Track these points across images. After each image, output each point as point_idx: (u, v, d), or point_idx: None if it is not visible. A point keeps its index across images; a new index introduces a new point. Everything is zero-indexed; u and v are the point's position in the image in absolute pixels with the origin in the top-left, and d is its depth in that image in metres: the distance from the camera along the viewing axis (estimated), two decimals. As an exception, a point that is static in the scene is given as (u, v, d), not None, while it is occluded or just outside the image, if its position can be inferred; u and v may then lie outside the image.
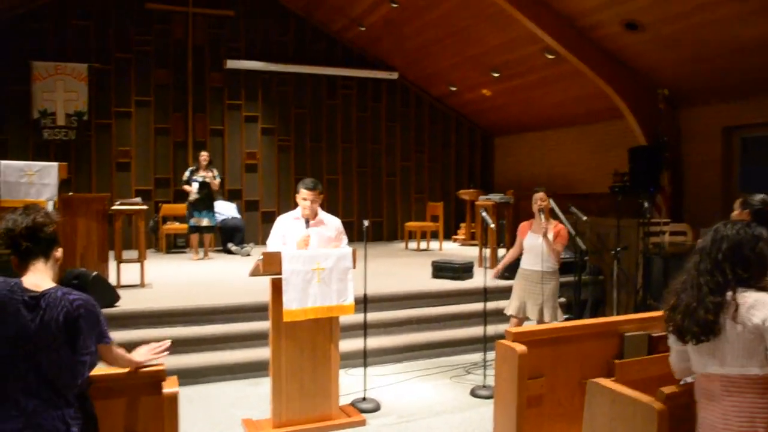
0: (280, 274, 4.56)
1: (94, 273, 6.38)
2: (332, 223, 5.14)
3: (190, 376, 5.70)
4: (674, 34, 8.17)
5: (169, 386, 2.88)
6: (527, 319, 6.01)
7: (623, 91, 9.66)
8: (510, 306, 6.01)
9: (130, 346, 5.59)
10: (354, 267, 4.83)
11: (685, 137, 9.79)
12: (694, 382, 2.63)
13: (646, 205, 7.49)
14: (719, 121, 9.25)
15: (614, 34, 8.87)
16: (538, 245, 5.84)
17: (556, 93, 11.37)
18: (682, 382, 3.05)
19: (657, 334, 4.03)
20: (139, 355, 2.87)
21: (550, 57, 10.04)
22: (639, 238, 7.73)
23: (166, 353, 2.93)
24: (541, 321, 5.83)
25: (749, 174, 9.15)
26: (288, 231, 4.96)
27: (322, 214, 5.12)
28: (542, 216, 5.80)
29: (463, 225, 13.40)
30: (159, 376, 2.87)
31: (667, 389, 2.68)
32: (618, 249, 7.39)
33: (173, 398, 2.86)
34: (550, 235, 5.78)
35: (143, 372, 2.83)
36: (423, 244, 12.16)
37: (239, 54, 12.43)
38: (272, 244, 4.94)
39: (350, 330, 6.28)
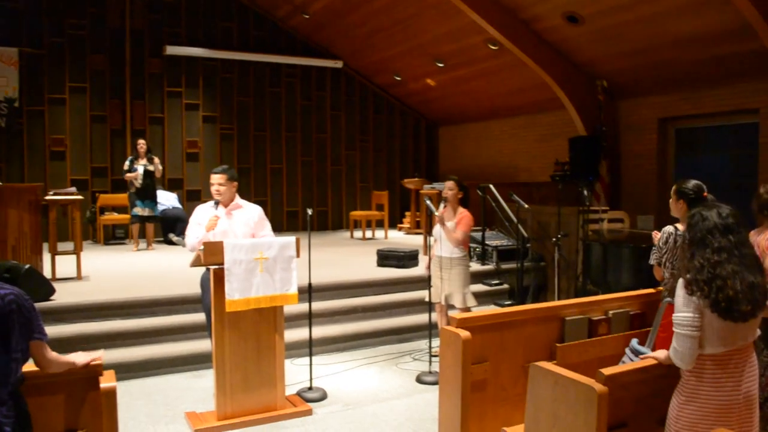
0: (222, 264, 4.48)
1: (27, 266, 6.13)
2: (252, 210, 5.13)
3: (131, 370, 5.57)
4: (612, 27, 8.36)
5: (107, 381, 2.80)
6: (452, 306, 6.06)
7: (564, 83, 9.85)
8: (428, 293, 6.07)
9: (68, 341, 5.49)
10: (298, 256, 4.80)
11: (623, 128, 10.06)
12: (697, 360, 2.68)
13: (585, 193, 7.65)
14: (655, 113, 9.53)
15: (555, 27, 9.02)
16: (440, 232, 5.95)
17: (500, 84, 11.50)
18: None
19: (596, 318, 4.15)
20: (79, 357, 2.75)
21: (494, 48, 10.14)
22: (579, 226, 7.91)
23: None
24: (452, 307, 5.93)
25: (683, 163, 9.48)
26: (203, 218, 4.98)
27: (241, 201, 5.13)
28: (442, 205, 5.89)
29: (408, 214, 13.47)
30: (96, 371, 2.79)
31: (607, 371, 2.75)
32: (559, 236, 7.55)
33: (111, 393, 2.79)
34: (450, 224, 5.88)
35: (79, 367, 2.73)
36: (368, 233, 12.16)
37: (180, 40, 12.13)
38: (190, 233, 4.95)
39: (295, 319, 6.25)
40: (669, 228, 3.93)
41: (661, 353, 2.91)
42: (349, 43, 12.89)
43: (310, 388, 5.22)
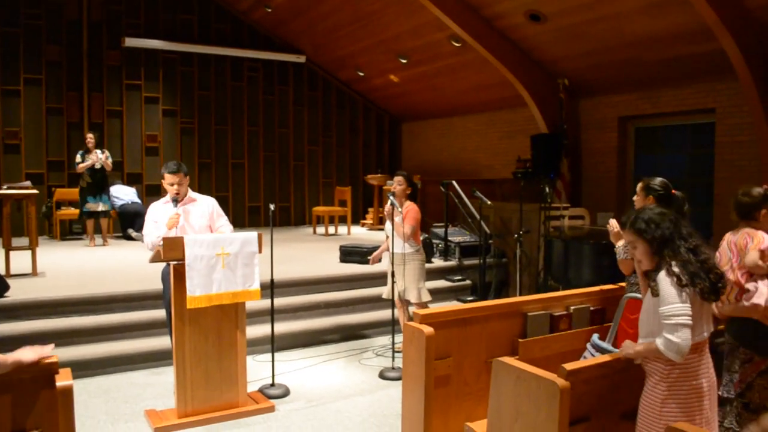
0: (182, 259, 4.41)
1: (-21, 261, 5.95)
2: (206, 202, 5.08)
3: (89, 368, 5.45)
4: (574, 26, 8.46)
5: (63, 379, 2.72)
6: (409, 302, 6.08)
7: (526, 80, 9.94)
8: (385, 290, 6.06)
9: (23, 339, 5.34)
10: (260, 252, 4.74)
11: (584, 126, 10.20)
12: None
13: (547, 190, 7.75)
14: (615, 111, 9.68)
15: (518, 25, 9.09)
16: (392, 228, 5.96)
17: (463, 80, 11.56)
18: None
19: (558, 313, 4.19)
20: (26, 354, 2.65)
21: (457, 45, 10.18)
22: (540, 222, 8.00)
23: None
24: (408, 302, 5.94)
25: (642, 161, 9.65)
26: (160, 216, 4.91)
27: (194, 195, 5.08)
28: (390, 199, 5.90)
29: (371, 209, 13.45)
30: (51, 369, 2.70)
31: (569, 366, 2.77)
32: (521, 232, 7.63)
33: (67, 391, 2.70)
34: (397, 219, 5.88)
35: (27, 365, 2.63)
36: (331, 229, 12.11)
37: (139, 32, 11.88)
38: (147, 232, 4.88)
39: (257, 316, 6.19)
40: None
41: (636, 346, 2.87)
42: (312, 38, 12.80)
43: (273, 385, 5.18)
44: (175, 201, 4.94)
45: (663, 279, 2.72)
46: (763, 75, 7.10)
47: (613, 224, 4.04)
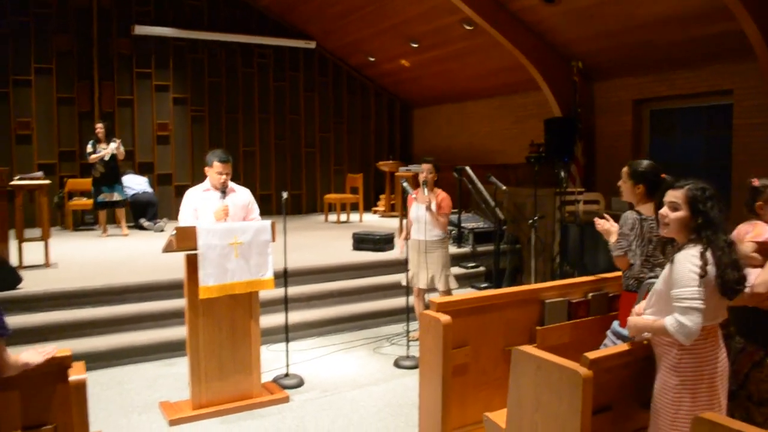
0: (195, 249, 4.36)
1: (-8, 253, 5.95)
2: (244, 193, 5.00)
3: (103, 360, 5.43)
4: (588, 8, 8.31)
5: (76, 373, 2.68)
6: (431, 290, 6.03)
7: (539, 64, 9.80)
8: (405, 277, 6.03)
9: (36, 330, 5.35)
10: (273, 240, 4.69)
11: (598, 109, 10.06)
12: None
13: (561, 174, 7.64)
14: (630, 94, 9.53)
15: (531, 7, 8.95)
16: (422, 216, 5.88)
17: (475, 64, 11.42)
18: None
19: (576, 300, 4.13)
20: (32, 357, 2.60)
21: (469, 28, 10.05)
22: (555, 207, 7.91)
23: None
24: (433, 290, 5.89)
25: (658, 144, 9.51)
26: (200, 204, 4.76)
27: (232, 184, 4.97)
28: (425, 188, 5.83)
29: (383, 196, 13.39)
30: (64, 363, 2.66)
31: (592, 354, 2.70)
32: (535, 218, 7.53)
33: (81, 385, 2.67)
34: (433, 206, 5.82)
35: (34, 367, 2.58)
36: (343, 217, 12.06)
37: (148, 19, 11.82)
38: (184, 219, 4.73)
39: (271, 305, 6.15)
40: (632, 214, 3.73)
41: (639, 323, 2.86)
42: (322, 24, 12.68)
43: (287, 375, 5.14)
44: (223, 192, 4.80)
45: (683, 260, 2.66)
46: (782, 55, 6.94)
47: (602, 223, 3.95)
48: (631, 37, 8.48)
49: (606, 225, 3.95)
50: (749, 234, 3.10)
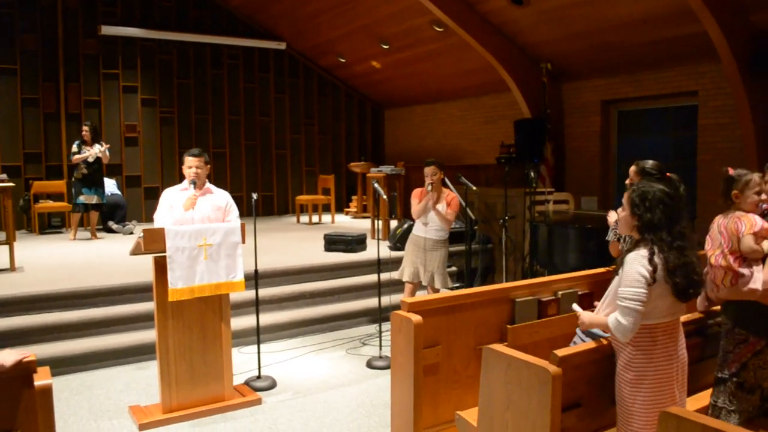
0: (163, 251, 4.32)
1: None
2: (221, 195, 4.97)
3: (72, 364, 5.35)
4: (556, 9, 8.40)
5: (41, 378, 2.63)
6: (420, 285, 6.09)
7: (509, 65, 9.88)
8: (403, 272, 6.09)
9: (2, 336, 5.22)
10: (243, 242, 4.66)
11: (567, 110, 10.18)
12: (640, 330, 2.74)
13: (531, 175, 7.71)
14: (598, 95, 9.66)
15: (500, 9, 9.02)
16: (432, 215, 5.94)
17: (445, 66, 11.47)
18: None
19: (546, 299, 4.17)
20: (6, 357, 2.55)
21: (439, 30, 10.09)
22: (525, 207, 7.98)
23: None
24: (432, 287, 5.95)
25: (625, 145, 9.66)
26: (175, 201, 4.74)
27: (211, 187, 4.97)
28: (430, 189, 5.90)
29: (354, 197, 13.38)
30: (29, 368, 2.61)
31: (561, 352, 2.73)
32: (506, 218, 7.59)
33: (46, 391, 2.62)
34: (441, 207, 5.91)
35: (9, 368, 2.54)
36: (315, 218, 12.03)
37: (115, 19, 11.65)
38: (160, 215, 4.71)
39: (242, 307, 6.12)
40: None
41: (589, 316, 2.98)
42: (293, 24, 12.64)
43: (259, 377, 5.12)
44: (194, 183, 4.78)
45: (632, 260, 2.75)
46: (745, 57, 7.09)
47: (613, 215, 4.05)
48: (598, 39, 8.60)
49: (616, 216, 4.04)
50: (743, 228, 3.16)
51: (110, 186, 10.96)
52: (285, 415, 4.54)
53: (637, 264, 2.71)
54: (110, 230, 10.55)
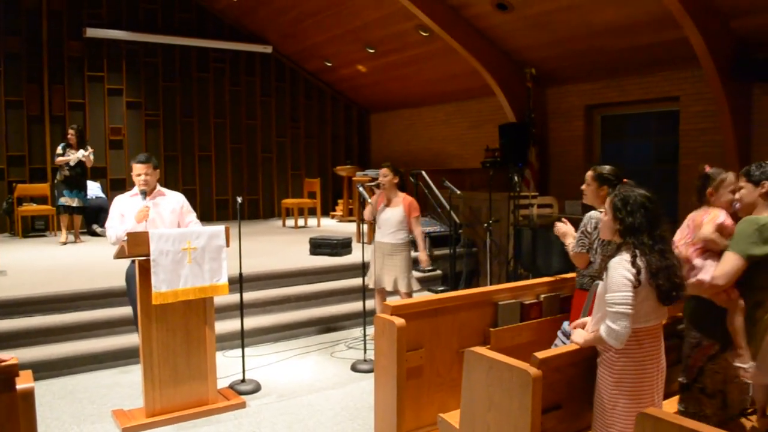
0: (147, 255, 4.31)
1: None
2: (174, 197, 4.99)
3: (55, 368, 5.33)
4: (541, 15, 8.47)
5: (23, 382, 2.63)
6: (392, 292, 6.11)
7: (494, 70, 9.95)
8: (369, 278, 6.10)
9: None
10: (228, 245, 4.66)
11: (551, 115, 10.25)
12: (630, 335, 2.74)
13: (515, 179, 7.76)
14: (582, 100, 9.74)
15: (485, 14, 9.08)
16: (386, 218, 6.02)
17: (430, 70, 11.52)
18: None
19: (528, 302, 4.21)
20: None
21: (425, 34, 10.14)
22: (509, 211, 8.03)
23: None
24: (397, 292, 5.97)
25: (609, 149, 9.74)
26: (126, 209, 4.81)
27: (163, 189, 5.00)
28: (378, 192, 5.95)
29: (340, 201, 13.38)
30: (11, 372, 2.61)
31: (541, 354, 2.77)
32: (490, 222, 7.64)
33: (28, 395, 2.62)
34: (396, 209, 5.99)
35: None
36: (301, 221, 12.02)
37: (100, 22, 11.61)
38: (111, 225, 4.80)
39: (227, 311, 6.11)
40: (596, 213, 3.87)
41: (583, 336, 2.95)
42: (279, 28, 12.64)
43: (243, 381, 5.12)
44: (144, 193, 4.80)
45: (616, 265, 2.77)
46: (725, 63, 7.19)
47: (560, 226, 4.07)
48: (582, 44, 8.68)
49: (563, 228, 4.07)
50: (707, 217, 3.20)
51: (95, 189, 10.91)
52: (269, 419, 4.55)
53: (621, 268, 2.73)
54: (94, 233, 10.49)
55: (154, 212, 4.80)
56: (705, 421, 3.02)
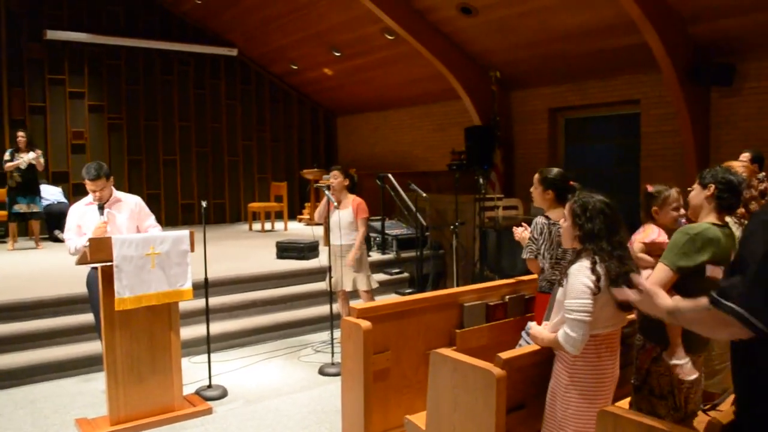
0: (110, 261, 4.25)
1: None
2: (132, 201, 4.92)
3: (15, 377, 5.22)
4: (504, 19, 8.58)
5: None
6: (354, 293, 6.12)
7: (459, 73, 10.04)
8: (330, 282, 6.09)
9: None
10: (192, 250, 4.62)
11: (516, 118, 10.38)
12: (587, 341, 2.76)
13: (481, 181, 7.84)
14: (545, 103, 9.89)
15: (450, 18, 9.16)
16: (337, 221, 6.03)
17: (396, 74, 11.57)
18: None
19: (493, 303, 4.25)
20: None
21: (390, 38, 10.19)
22: (475, 213, 8.10)
23: None
24: (357, 292, 6.01)
25: (572, 152, 9.90)
26: (82, 219, 4.72)
27: (119, 194, 4.90)
28: (327, 194, 5.97)
29: (307, 205, 13.33)
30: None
31: (505, 355, 2.80)
32: (456, 224, 7.69)
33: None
34: (345, 211, 6.03)
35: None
36: (267, 225, 11.96)
37: (62, 24, 11.41)
38: (69, 236, 4.68)
39: (192, 316, 6.06)
40: (541, 219, 3.91)
41: (541, 334, 2.96)
42: (244, 30, 12.57)
43: (210, 386, 5.07)
44: (101, 207, 4.71)
45: (576, 272, 2.78)
46: (684, 67, 7.37)
47: (518, 231, 4.13)
48: (546, 48, 8.81)
49: (520, 234, 4.12)
50: (639, 235, 3.28)
51: (56, 194, 10.71)
52: (235, 424, 4.52)
53: (581, 275, 2.74)
54: (56, 239, 10.29)
55: (111, 226, 4.70)
56: (660, 421, 3.10)
